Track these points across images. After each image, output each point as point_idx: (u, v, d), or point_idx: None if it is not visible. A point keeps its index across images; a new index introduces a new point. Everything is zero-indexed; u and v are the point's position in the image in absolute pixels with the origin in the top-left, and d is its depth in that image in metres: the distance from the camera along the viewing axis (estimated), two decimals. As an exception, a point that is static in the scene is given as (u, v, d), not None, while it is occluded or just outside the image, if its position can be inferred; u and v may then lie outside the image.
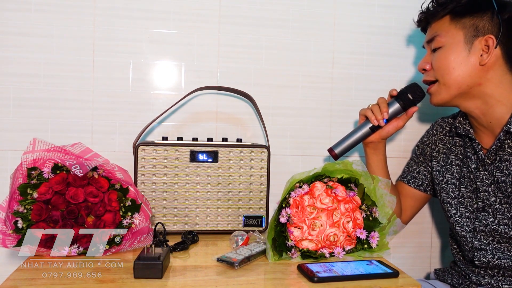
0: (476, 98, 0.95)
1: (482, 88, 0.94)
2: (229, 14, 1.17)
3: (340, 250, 0.89)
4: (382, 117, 1.01)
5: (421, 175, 1.13)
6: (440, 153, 1.09)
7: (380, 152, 1.09)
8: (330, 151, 1.04)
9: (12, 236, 0.82)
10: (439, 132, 1.11)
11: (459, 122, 1.03)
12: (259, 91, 1.19)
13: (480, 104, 0.95)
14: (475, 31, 0.93)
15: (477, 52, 0.92)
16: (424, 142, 1.14)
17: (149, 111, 1.14)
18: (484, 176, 0.97)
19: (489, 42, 0.91)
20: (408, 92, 1.02)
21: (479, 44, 0.92)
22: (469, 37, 0.93)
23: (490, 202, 0.96)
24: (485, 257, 0.96)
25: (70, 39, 1.11)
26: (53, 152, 0.87)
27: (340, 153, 1.04)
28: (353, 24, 1.23)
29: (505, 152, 0.93)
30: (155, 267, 0.74)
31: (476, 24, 0.93)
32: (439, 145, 1.10)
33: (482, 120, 0.97)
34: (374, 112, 1.03)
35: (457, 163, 1.04)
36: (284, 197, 0.88)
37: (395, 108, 1.03)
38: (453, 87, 0.95)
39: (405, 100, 1.02)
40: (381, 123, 1.02)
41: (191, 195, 1.03)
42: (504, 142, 0.93)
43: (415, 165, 1.15)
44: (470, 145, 1.01)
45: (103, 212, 0.86)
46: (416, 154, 1.16)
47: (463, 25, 0.94)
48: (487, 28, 0.92)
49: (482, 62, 0.92)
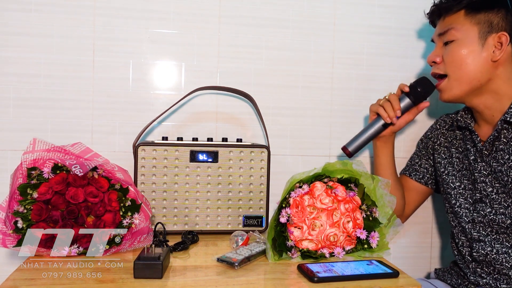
0: (484, 93, 0.96)
1: (491, 84, 0.95)
2: (229, 14, 1.17)
3: (340, 250, 0.89)
4: (394, 115, 1.02)
5: (422, 168, 1.14)
6: (442, 146, 1.10)
7: (389, 144, 1.10)
8: (344, 149, 1.05)
9: (12, 236, 0.82)
10: (442, 127, 1.13)
11: (461, 115, 1.05)
12: (259, 91, 1.19)
13: (486, 100, 0.97)
14: (489, 27, 0.93)
15: (489, 48, 0.93)
16: (427, 136, 1.16)
17: (149, 111, 1.14)
18: (481, 167, 0.98)
19: (502, 39, 0.93)
20: (418, 86, 1.02)
21: (492, 41, 0.93)
22: (483, 32, 0.94)
23: (488, 192, 0.97)
24: (483, 249, 0.97)
25: (70, 39, 1.11)
26: (53, 152, 0.87)
27: (354, 150, 1.05)
28: (353, 24, 1.23)
29: (501, 142, 0.94)
30: (155, 267, 0.74)
31: (491, 20, 0.93)
32: (441, 138, 1.11)
33: (486, 114, 0.98)
34: (387, 109, 1.03)
35: (458, 156, 1.05)
36: (284, 197, 0.88)
37: (406, 103, 1.03)
38: (465, 82, 0.96)
39: (416, 95, 1.03)
40: (394, 121, 1.02)
41: (191, 195, 1.03)
42: (501, 132, 0.94)
43: (417, 158, 1.16)
44: (470, 137, 1.02)
45: (103, 212, 0.86)
46: (419, 148, 1.17)
47: (478, 21, 0.94)
48: (501, 25, 0.93)
49: (494, 59, 0.93)
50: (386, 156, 1.09)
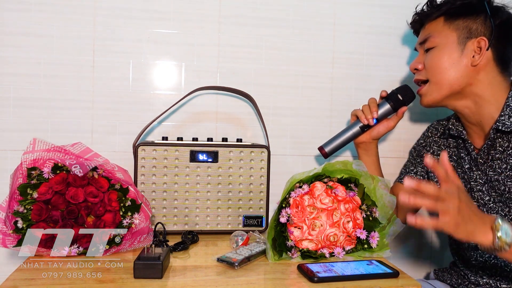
0: (466, 97, 0.96)
1: (473, 88, 0.95)
2: (229, 14, 1.17)
3: (340, 250, 0.89)
4: (371, 116, 1.04)
5: (418, 176, 1.13)
6: (435, 155, 1.10)
7: (372, 153, 1.10)
8: (320, 149, 1.07)
9: (12, 236, 0.82)
10: (434, 135, 1.12)
11: (452, 123, 1.04)
12: (259, 91, 1.19)
13: (469, 104, 0.97)
14: (468, 32, 0.94)
15: (469, 53, 0.94)
16: (420, 144, 1.16)
17: (149, 111, 1.14)
18: (477, 176, 0.97)
19: (482, 44, 0.93)
20: (398, 93, 1.05)
21: (472, 45, 0.94)
22: (462, 38, 0.94)
23: (485, 201, 0.96)
24: (482, 256, 0.97)
25: (70, 39, 1.11)
26: (53, 152, 0.87)
27: (330, 151, 1.06)
28: (353, 24, 1.23)
29: (497, 151, 0.94)
30: (155, 267, 0.74)
31: (470, 26, 0.94)
32: (434, 147, 1.11)
33: (472, 119, 0.98)
34: (364, 111, 1.05)
35: (452, 164, 1.04)
36: (284, 197, 0.88)
37: (386, 109, 1.05)
38: (445, 87, 0.96)
39: (395, 101, 1.04)
40: (370, 122, 1.04)
41: (191, 195, 1.03)
42: (495, 140, 0.94)
43: (412, 166, 1.15)
44: (463, 146, 1.01)
45: (103, 212, 0.86)
46: (413, 156, 1.17)
47: (456, 27, 0.95)
48: (480, 30, 0.93)
49: (474, 63, 0.93)
50: (369, 164, 1.10)
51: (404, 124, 1.27)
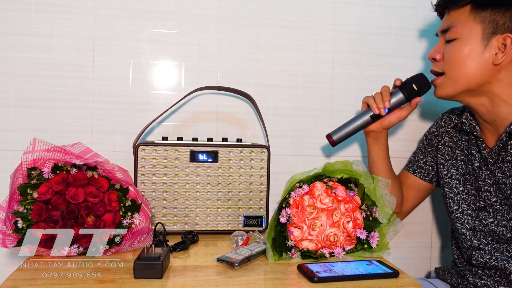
0: (482, 95, 0.93)
1: (491, 87, 0.91)
2: (229, 14, 1.17)
3: (340, 250, 0.89)
4: (383, 106, 0.99)
5: (427, 165, 1.11)
6: (446, 146, 1.07)
7: (381, 142, 1.06)
8: (328, 137, 1.02)
9: (12, 236, 0.82)
10: (447, 124, 1.09)
11: (465, 117, 1.01)
12: (259, 91, 1.19)
13: (485, 102, 0.93)
14: (494, 27, 0.89)
15: (492, 50, 0.89)
16: (432, 132, 1.12)
17: (149, 111, 1.14)
18: (486, 176, 0.96)
19: (507, 41, 0.87)
20: (413, 82, 0.99)
21: (496, 42, 0.88)
22: (487, 33, 0.89)
23: (491, 202, 0.95)
24: (482, 257, 0.96)
25: (70, 39, 1.11)
26: (53, 152, 0.87)
27: (338, 139, 1.01)
28: (353, 24, 1.23)
29: (508, 153, 0.91)
30: (155, 267, 0.74)
31: (497, 20, 0.88)
32: (446, 137, 1.08)
33: (486, 117, 0.95)
34: (376, 100, 1.00)
35: (463, 159, 1.02)
36: (284, 197, 0.88)
37: (398, 98, 1.00)
38: (461, 82, 0.92)
39: (409, 91, 0.99)
40: (382, 112, 0.99)
41: (191, 195, 1.03)
42: (507, 143, 0.91)
43: (421, 155, 1.13)
44: (475, 142, 0.99)
45: (103, 212, 0.86)
46: (424, 144, 1.14)
47: (482, 19, 0.89)
48: (507, 26, 0.88)
49: (496, 62, 0.89)
50: (378, 153, 1.06)
51: (404, 123, 1.27)
